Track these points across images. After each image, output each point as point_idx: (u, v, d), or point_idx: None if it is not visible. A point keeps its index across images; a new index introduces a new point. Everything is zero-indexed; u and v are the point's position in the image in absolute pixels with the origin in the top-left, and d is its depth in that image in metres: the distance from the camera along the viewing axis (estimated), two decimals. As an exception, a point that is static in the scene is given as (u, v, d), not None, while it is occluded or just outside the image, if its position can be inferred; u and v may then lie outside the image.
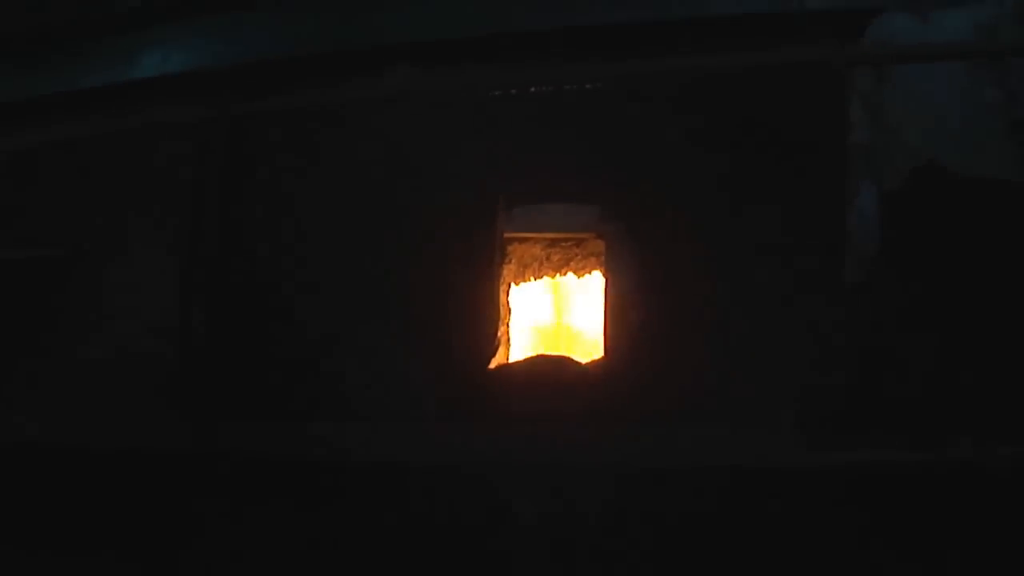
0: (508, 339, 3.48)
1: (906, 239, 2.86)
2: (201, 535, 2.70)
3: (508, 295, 3.49)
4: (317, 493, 3.07)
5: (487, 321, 3.33)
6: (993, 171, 2.77)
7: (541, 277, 3.55)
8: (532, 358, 3.35)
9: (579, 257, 3.50)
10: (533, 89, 2.93)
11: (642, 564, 2.86)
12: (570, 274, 3.52)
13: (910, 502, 2.69)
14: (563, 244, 3.50)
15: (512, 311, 3.51)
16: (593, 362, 3.27)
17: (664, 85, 3.20)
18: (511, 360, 3.45)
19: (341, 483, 2.99)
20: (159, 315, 3.55)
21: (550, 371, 3.27)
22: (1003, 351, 2.74)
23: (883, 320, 2.88)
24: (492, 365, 3.31)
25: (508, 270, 3.48)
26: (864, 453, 2.74)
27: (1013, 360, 2.73)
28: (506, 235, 3.40)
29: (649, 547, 2.84)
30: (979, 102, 2.76)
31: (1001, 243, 2.77)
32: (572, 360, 3.30)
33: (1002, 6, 2.66)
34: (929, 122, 2.80)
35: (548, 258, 3.52)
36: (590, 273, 3.49)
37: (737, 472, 2.81)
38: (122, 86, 3.77)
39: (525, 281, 3.54)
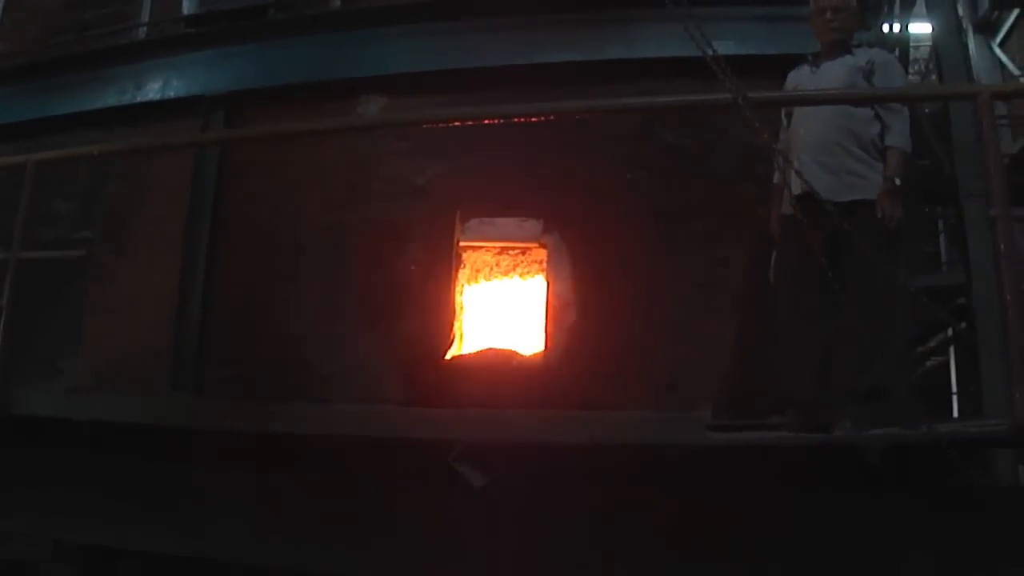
0: (462, 334, 3.89)
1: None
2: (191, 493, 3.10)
3: (463, 295, 3.93)
4: (291, 463, 3.48)
5: (444, 318, 3.79)
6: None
7: (491, 280, 3.97)
8: (482, 350, 3.75)
9: (524, 264, 3.95)
10: (487, 121, 3.40)
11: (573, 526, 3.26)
12: (516, 278, 3.95)
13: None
14: (511, 252, 3.94)
15: (466, 309, 3.94)
16: (535, 354, 3.70)
17: (597, 119, 3.69)
18: (464, 352, 3.84)
19: (312, 454, 3.40)
20: (161, 308, 4.02)
21: (498, 362, 3.69)
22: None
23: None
24: (448, 356, 3.75)
25: (463, 274, 3.93)
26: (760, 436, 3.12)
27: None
28: (461, 244, 3.87)
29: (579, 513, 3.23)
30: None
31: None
32: (517, 353, 3.72)
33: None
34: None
35: (497, 264, 3.96)
36: (533, 277, 3.92)
37: (647, 449, 3.21)
38: (130, 108, 4.27)
39: (477, 283, 3.97)
